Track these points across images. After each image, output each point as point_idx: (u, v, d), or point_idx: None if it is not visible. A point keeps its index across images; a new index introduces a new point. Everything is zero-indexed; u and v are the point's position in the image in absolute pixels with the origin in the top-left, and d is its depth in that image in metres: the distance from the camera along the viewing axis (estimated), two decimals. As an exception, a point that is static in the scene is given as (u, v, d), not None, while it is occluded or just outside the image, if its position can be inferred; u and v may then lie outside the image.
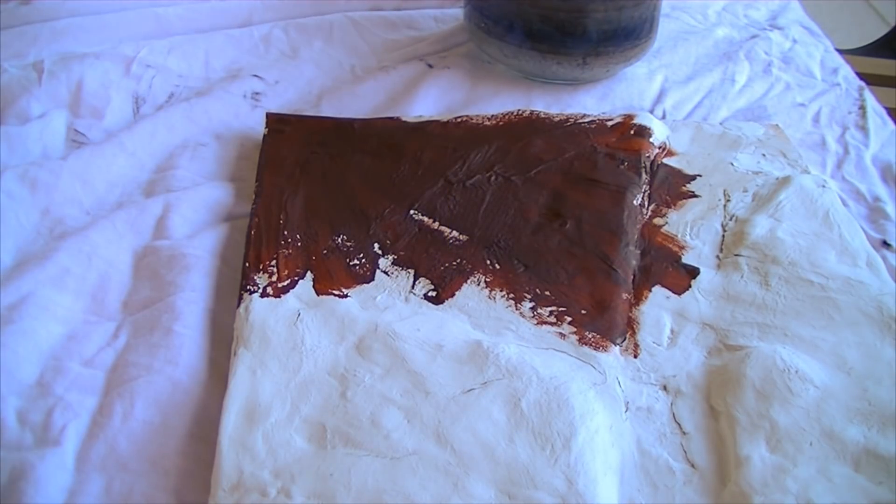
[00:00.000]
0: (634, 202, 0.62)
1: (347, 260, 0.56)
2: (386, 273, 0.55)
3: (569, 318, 0.53)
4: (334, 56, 0.83)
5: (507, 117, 0.71)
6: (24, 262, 0.56)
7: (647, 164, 0.66)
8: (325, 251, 0.57)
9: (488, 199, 0.62)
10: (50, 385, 0.48)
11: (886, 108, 0.79)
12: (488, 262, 0.57)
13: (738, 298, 0.55)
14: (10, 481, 0.42)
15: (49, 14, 0.81)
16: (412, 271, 0.56)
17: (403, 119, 0.71)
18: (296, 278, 0.54)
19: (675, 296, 0.55)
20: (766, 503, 0.42)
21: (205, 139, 0.69)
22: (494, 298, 0.54)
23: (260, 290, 0.53)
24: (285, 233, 0.57)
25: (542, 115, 0.71)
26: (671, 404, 0.49)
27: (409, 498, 0.41)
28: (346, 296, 0.53)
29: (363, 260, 0.56)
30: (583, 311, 0.53)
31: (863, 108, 0.78)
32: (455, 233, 0.59)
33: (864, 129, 0.75)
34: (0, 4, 0.81)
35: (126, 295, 0.55)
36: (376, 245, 0.58)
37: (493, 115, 0.71)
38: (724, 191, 0.64)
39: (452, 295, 0.54)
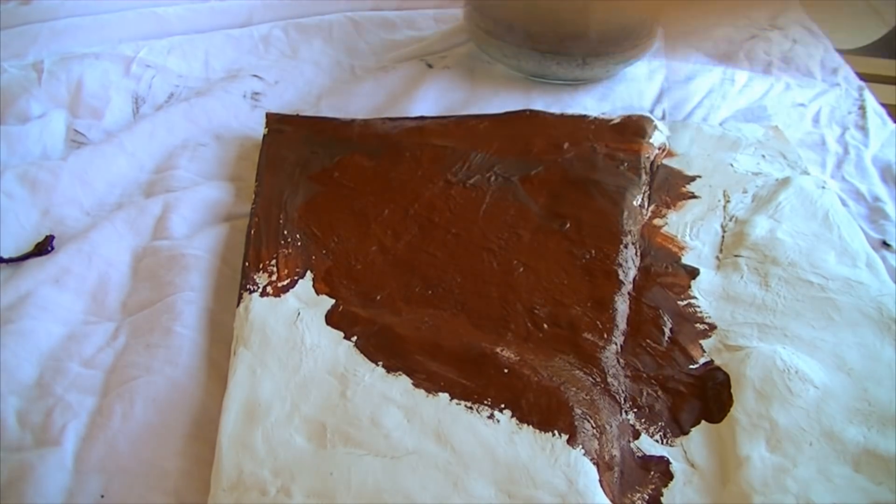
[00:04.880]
0: (634, 203, 0.62)
1: (347, 260, 0.56)
2: (385, 273, 0.55)
3: (568, 318, 0.52)
4: (334, 56, 0.83)
5: (507, 117, 0.71)
6: (24, 263, 0.56)
7: (647, 164, 0.66)
8: (324, 251, 0.57)
9: (488, 199, 0.62)
10: (49, 385, 0.48)
11: (886, 107, 0.79)
12: (488, 262, 0.57)
13: (738, 299, 0.55)
14: (9, 481, 0.42)
15: (49, 14, 0.81)
16: (412, 271, 0.56)
17: (403, 119, 0.71)
18: (296, 278, 0.54)
19: (675, 296, 0.55)
20: (767, 503, 0.42)
21: (205, 139, 0.69)
22: (494, 298, 0.54)
23: (260, 290, 0.53)
24: (285, 232, 0.57)
25: (542, 115, 0.71)
26: (671, 404, 0.49)
27: (409, 497, 0.41)
28: (345, 295, 0.53)
29: (363, 260, 0.56)
30: (583, 312, 0.53)
31: (863, 108, 0.78)
32: (455, 233, 0.59)
33: (864, 129, 0.75)
34: (0, 4, 0.81)
35: (125, 295, 0.55)
36: (376, 245, 0.57)
37: (493, 115, 0.71)
38: (724, 192, 0.64)
39: (452, 294, 0.54)
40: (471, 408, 0.46)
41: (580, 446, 0.44)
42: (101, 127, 0.70)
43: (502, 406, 0.46)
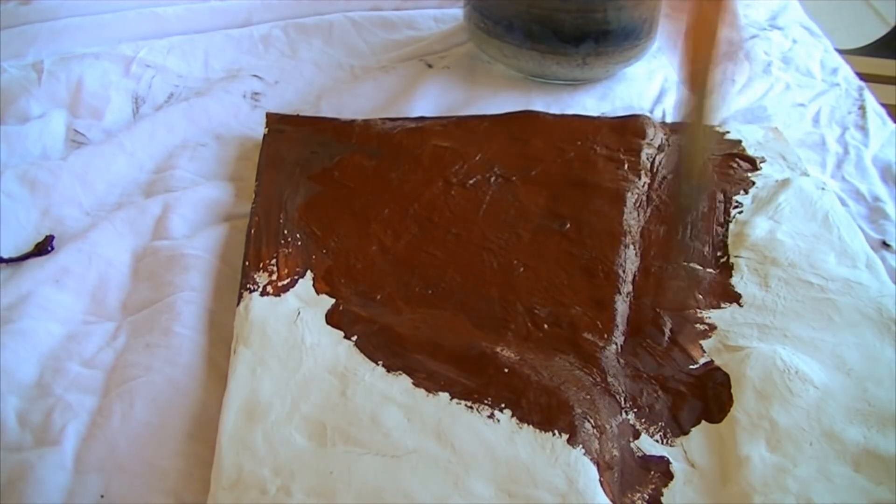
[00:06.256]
0: (634, 203, 0.62)
1: (347, 259, 0.56)
2: (385, 272, 0.55)
3: (569, 318, 0.53)
4: (334, 56, 0.83)
5: (507, 118, 0.71)
6: (24, 262, 0.56)
7: (647, 165, 0.66)
8: (324, 250, 0.57)
9: (488, 199, 0.62)
10: (49, 385, 0.48)
11: (886, 107, 0.79)
12: (488, 262, 0.57)
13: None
14: (9, 481, 0.42)
15: (49, 14, 0.81)
16: (412, 271, 0.56)
17: (403, 119, 0.71)
18: (296, 277, 0.54)
19: (675, 297, 0.55)
20: (767, 503, 0.42)
21: (204, 139, 0.69)
22: (494, 298, 0.54)
23: (260, 289, 0.53)
24: (285, 232, 0.57)
25: (542, 115, 0.71)
26: (671, 404, 0.49)
27: (410, 496, 0.41)
28: (345, 295, 0.53)
29: (363, 259, 0.56)
30: (583, 312, 0.53)
31: (863, 108, 0.78)
32: (455, 233, 0.59)
33: (863, 129, 0.75)
34: (0, 4, 0.81)
35: (125, 295, 0.55)
36: (376, 245, 0.57)
37: (493, 116, 0.71)
38: (724, 192, 0.64)
39: (452, 294, 0.54)
40: (471, 407, 0.46)
41: (580, 446, 0.44)
42: (101, 127, 0.70)
43: (502, 405, 0.46)
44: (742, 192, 0.64)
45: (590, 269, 0.56)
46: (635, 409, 0.48)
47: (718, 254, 0.59)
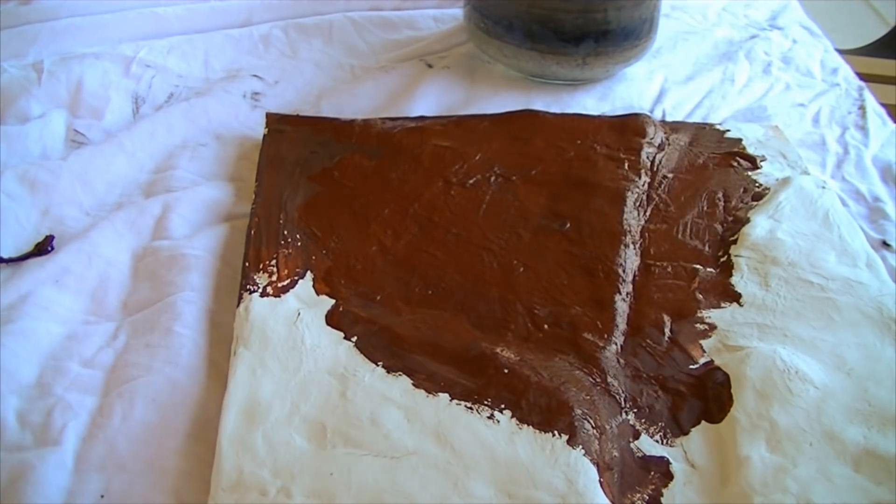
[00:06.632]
0: (634, 203, 0.62)
1: (347, 260, 0.56)
2: (385, 273, 0.55)
3: (569, 318, 0.52)
4: (334, 56, 0.83)
5: (507, 117, 0.71)
6: (24, 262, 0.56)
7: (647, 164, 0.66)
8: (324, 251, 0.57)
9: (488, 199, 0.62)
10: (50, 385, 0.48)
11: (886, 107, 0.79)
12: (488, 262, 0.57)
13: (738, 299, 0.55)
14: (9, 481, 0.42)
15: (49, 14, 0.81)
16: (412, 271, 0.56)
17: (403, 119, 0.71)
18: (296, 278, 0.54)
19: (675, 296, 0.55)
20: (767, 503, 0.42)
21: (204, 139, 0.70)
22: (494, 298, 0.54)
23: (260, 290, 0.53)
24: (285, 232, 0.57)
25: (542, 115, 0.71)
26: (671, 404, 0.49)
27: (410, 497, 0.41)
28: (345, 295, 0.53)
29: (363, 260, 0.56)
30: (583, 311, 0.53)
31: (863, 108, 0.78)
32: (455, 233, 0.59)
33: (864, 129, 0.75)
34: (0, 4, 0.81)
35: (126, 295, 0.55)
36: (376, 245, 0.57)
37: (493, 115, 0.71)
38: (724, 191, 0.64)
39: (452, 294, 0.54)
40: (471, 408, 0.46)
41: (580, 446, 0.44)
42: (101, 127, 0.70)
43: (502, 406, 0.46)
44: (742, 190, 0.64)
45: (590, 268, 0.56)
46: (635, 410, 0.48)
47: (719, 253, 0.59)
